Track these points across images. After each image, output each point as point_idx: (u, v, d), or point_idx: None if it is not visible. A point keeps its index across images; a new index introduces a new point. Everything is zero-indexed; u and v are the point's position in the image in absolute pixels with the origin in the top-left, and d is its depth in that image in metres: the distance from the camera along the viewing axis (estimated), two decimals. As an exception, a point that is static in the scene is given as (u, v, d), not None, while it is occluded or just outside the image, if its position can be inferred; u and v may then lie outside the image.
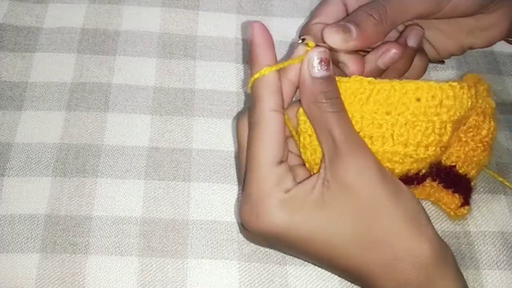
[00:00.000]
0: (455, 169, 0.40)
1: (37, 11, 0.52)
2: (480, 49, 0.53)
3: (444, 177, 0.41)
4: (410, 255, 0.33)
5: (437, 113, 0.34)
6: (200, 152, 0.45)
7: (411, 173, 0.37)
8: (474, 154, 0.40)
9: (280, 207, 0.33)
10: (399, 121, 0.34)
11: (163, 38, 0.52)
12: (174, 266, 0.40)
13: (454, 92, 0.34)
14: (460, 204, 0.41)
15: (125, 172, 0.44)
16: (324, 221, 0.33)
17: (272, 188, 0.33)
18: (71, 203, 0.42)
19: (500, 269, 0.41)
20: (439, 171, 0.40)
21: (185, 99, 0.48)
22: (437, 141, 0.35)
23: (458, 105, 0.34)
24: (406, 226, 0.33)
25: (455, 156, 0.40)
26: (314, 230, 0.33)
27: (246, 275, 0.40)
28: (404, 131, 0.34)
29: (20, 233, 0.41)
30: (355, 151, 0.33)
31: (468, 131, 0.39)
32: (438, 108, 0.34)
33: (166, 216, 0.42)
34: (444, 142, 0.35)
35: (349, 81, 0.35)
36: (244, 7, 0.54)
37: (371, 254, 0.33)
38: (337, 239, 0.33)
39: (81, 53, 0.50)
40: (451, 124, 0.35)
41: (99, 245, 0.41)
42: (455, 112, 0.34)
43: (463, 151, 0.40)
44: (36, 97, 0.47)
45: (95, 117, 0.46)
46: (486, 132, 0.39)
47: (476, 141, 0.39)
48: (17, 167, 0.44)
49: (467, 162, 0.40)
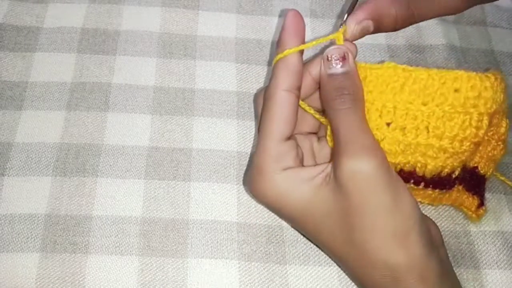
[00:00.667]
0: (478, 170, 0.39)
1: (37, 11, 0.52)
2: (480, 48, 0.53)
3: (468, 179, 0.39)
4: (385, 267, 0.33)
5: (475, 105, 0.32)
6: (200, 151, 0.45)
7: (445, 173, 0.35)
8: (494, 153, 0.38)
9: (272, 181, 0.35)
10: (436, 113, 0.33)
11: (163, 38, 0.52)
12: (174, 266, 0.40)
13: (491, 83, 0.32)
14: (477, 205, 0.40)
15: (125, 172, 0.44)
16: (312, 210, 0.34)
17: (271, 162, 0.35)
18: (71, 202, 0.42)
19: (500, 269, 0.41)
20: (465, 173, 0.38)
21: (185, 98, 0.48)
22: (473, 135, 0.33)
23: (494, 97, 0.33)
24: (387, 239, 0.33)
25: (478, 156, 0.39)
26: (301, 212, 0.35)
27: (246, 274, 0.40)
28: (441, 123, 0.33)
29: (20, 232, 0.41)
30: (354, 154, 0.33)
31: (490, 130, 0.37)
32: (477, 99, 0.32)
33: (166, 216, 0.42)
34: (480, 136, 0.33)
35: (381, 68, 0.34)
36: (244, 7, 0.54)
37: (351, 254, 0.34)
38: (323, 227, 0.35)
39: (81, 52, 0.50)
40: (487, 117, 0.33)
41: (99, 244, 0.41)
42: (492, 105, 0.33)
43: (485, 151, 0.38)
44: (36, 97, 0.47)
45: (95, 117, 0.46)
46: (504, 130, 0.37)
47: (496, 139, 0.38)
48: (17, 167, 0.44)
49: (488, 162, 0.39)
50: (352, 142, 0.33)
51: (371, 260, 0.33)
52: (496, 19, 0.56)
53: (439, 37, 0.53)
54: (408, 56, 0.52)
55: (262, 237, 0.42)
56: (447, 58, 0.52)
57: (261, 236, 0.42)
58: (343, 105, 0.34)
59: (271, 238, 0.42)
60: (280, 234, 0.42)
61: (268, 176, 0.35)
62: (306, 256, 0.41)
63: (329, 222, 0.34)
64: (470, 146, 0.34)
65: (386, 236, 0.33)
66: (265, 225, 0.42)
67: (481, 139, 0.34)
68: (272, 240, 0.42)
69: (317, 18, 0.54)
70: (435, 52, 0.52)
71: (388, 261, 0.33)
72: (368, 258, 0.33)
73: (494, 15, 0.56)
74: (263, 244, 0.42)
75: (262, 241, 0.42)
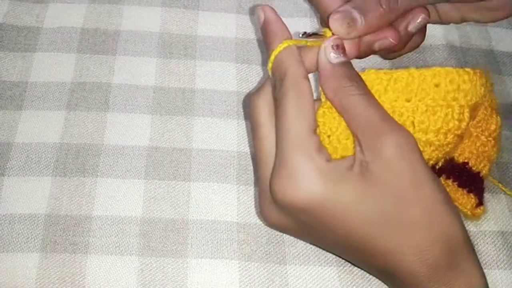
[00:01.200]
0: (469, 166, 0.40)
1: (37, 11, 0.52)
2: (480, 48, 0.53)
3: (458, 175, 0.40)
4: (446, 238, 0.32)
5: (455, 98, 0.34)
6: (200, 151, 0.45)
7: (430, 165, 0.36)
8: (485, 150, 0.40)
9: (320, 175, 0.31)
10: (420, 108, 0.34)
11: (163, 38, 0.52)
12: (174, 266, 0.40)
13: (470, 76, 0.34)
14: (475, 205, 0.41)
15: (125, 172, 0.44)
16: (364, 197, 0.32)
17: (313, 153, 0.32)
18: (71, 202, 0.42)
19: (500, 269, 0.41)
20: (454, 168, 0.40)
21: (185, 98, 0.48)
22: (456, 127, 0.35)
23: (473, 90, 0.34)
24: (445, 208, 0.32)
25: (467, 152, 0.40)
26: (352, 206, 0.32)
27: (246, 274, 0.40)
28: (425, 117, 0.34)
29: (20, 232, 0.41)
30: (395, 129, 0.32)
31: (478, 125, 0.39)
32: (456, 92, 0.34)
33: (166, 216, 0.42)
34: (462, 129, 0.35)
35: (365, 74, 0.35)
36: (244, 7, 0.54)
37: (407, 236, 0.32)
38: (375, 218, 0.32)
39: (81, 53, 0.50)
40: (468, 110, 0.35)
41: (99, 244, 0.41)
42: (472, 97, 0.34)
43: (474, 147, 0.40)
44: (36, 97, 0.47)
45: (95, 117, 0.46)
46: (494, 127, 0.39)
47: (486, 135, 0.39)
48: (17, 167, 0.44)
49: (480, 158, 0.40)
50: (389, 120, 0.32)
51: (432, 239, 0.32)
52: (496, 19, 0.56)
53: (439, 37, 0.53)
54: (408, 56, 0.52)
55: (262, 237, 0.42)
56: (447, 58, 0.52)
57: (261, 236, 0.42)
58: (357, 90, 0.33)
59: (271, 238, 0.42)
60: (280, 234, 0.42)
61: (314, 171, 0.32)
62: (306, 256, 0.41)
63: (382, 207, 0.32)
64: (454, 138, 0.35)
65: (444, 203, 0.32)
66: (265, 225, 0.42)
67: (464, 131, 0.35)
68: (272, 240, 0.42)
69: (317, 18, 0.54)
70: (435, 52, 0.52)
71: (448, 233, 0.32)
72: (429, 237, 0.32)
73: (494, 15, 0.56)
74: (263, 244, 0.42)
75: (262, 241, 0.42)
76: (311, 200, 0.32)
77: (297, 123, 0.33)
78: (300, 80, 0.33)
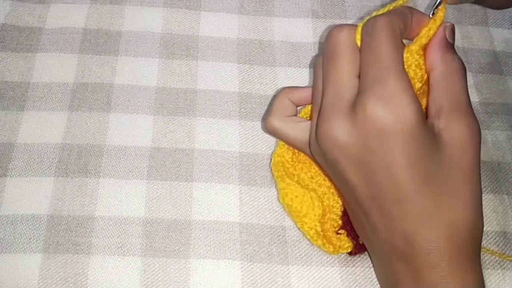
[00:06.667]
0: None
1: (39, 12, 0.52)
2: (482, 48, 0.53)
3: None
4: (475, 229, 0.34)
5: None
6: (202, 152, 0.45)
7: None
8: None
9: (415, 105, 0.32)
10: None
11: (165, 38, 0.52)
12: (176, 266, 0.40)
13: None
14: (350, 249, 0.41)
15: (127, 172, 0.44)
16: (432, 157, 0.33)
17: (410, 86, 0.33)
18: (74, 203, 0.42)
19: (503, 269, 0.41)
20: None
21: (187, 99, 0.48)
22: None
23: None
24: (481, 205, 0.35)
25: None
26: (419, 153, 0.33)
27: (248, 275, 0.40)
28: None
29: (22, 233, 0.41)
30: (474, 117, 0.35)
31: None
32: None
33: (168, 216, 0.42)
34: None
35: None
36: (246, 7, 0.54)
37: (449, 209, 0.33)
38: (430, 181, 0.33)
39: (83, 53, 0.50)
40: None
41: (101, 245, 0.41)
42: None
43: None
44: (38, 98, 0.47)
45: (97, 118, 0.46)
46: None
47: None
48: (19, 168, 0.44)
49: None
50: (468, 105, 0.35)
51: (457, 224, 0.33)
52: (498, 19, 0.56)
53: (441, 37, 0.53)
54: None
55: (265, 238, 0.42)
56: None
57: (264, 236, 0.42)
58: (460, 67, 0.36)
59: (273, 238, 0.42)
60: (282, 234, 0.42)
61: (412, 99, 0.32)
62: (308, 256, 0.41)
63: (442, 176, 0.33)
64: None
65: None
66: (267, 225, 0.42)
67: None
68: (274, 241, 0.42)
69: (318, 19, 0.54)
70: (437, 53, 0.52)
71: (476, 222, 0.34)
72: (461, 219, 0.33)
73: (496, 15, 0.56)
74: (266, 244, 0.42)
75: (265, 242, 0.42)
76: (401, 124, 0.32)
77: (395, 55, 0.33)
78: (394, 24, 0.34)
